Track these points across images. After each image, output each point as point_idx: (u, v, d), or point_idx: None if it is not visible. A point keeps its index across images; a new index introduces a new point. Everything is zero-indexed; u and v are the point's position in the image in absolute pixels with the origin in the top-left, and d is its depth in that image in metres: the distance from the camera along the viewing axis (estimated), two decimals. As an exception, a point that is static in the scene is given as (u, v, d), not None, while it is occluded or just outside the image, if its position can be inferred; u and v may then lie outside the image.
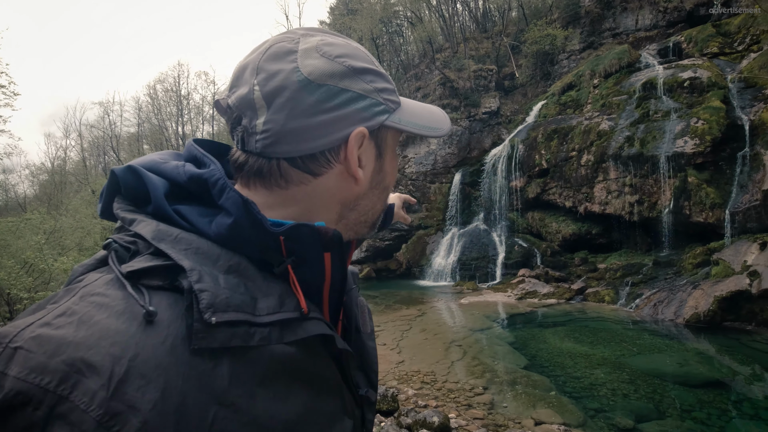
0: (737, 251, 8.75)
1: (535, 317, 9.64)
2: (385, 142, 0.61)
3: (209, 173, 0.52)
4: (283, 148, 0.52)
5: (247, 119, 0.53)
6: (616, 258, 12.04)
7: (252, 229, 0.49)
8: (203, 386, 0.41)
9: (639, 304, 9.44)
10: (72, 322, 0.40)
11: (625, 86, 13.99)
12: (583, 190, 13.04)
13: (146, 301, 0.42)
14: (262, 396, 0.44)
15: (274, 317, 0.47)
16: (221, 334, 0.43)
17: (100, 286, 0.44)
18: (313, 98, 0.52)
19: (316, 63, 0.53)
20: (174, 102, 35.95)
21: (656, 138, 11.50)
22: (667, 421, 4.78)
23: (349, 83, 0.54)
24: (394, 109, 0.59)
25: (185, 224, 0.50)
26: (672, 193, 10.82)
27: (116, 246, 0.48)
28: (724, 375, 5.96)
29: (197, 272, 0.44)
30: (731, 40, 13.93)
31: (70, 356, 0.37)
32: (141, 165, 0.54)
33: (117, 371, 0.38)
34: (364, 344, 0.68)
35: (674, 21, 17.67)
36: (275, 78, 0.51)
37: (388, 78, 0.60)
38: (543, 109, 16.83)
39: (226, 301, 0.44)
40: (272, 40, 0.56)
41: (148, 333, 0.40)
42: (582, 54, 19.22)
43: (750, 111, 10.73)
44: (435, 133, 0.63)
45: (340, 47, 0.56)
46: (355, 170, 0.56)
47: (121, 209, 0.52)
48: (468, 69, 21.02)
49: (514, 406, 5.19)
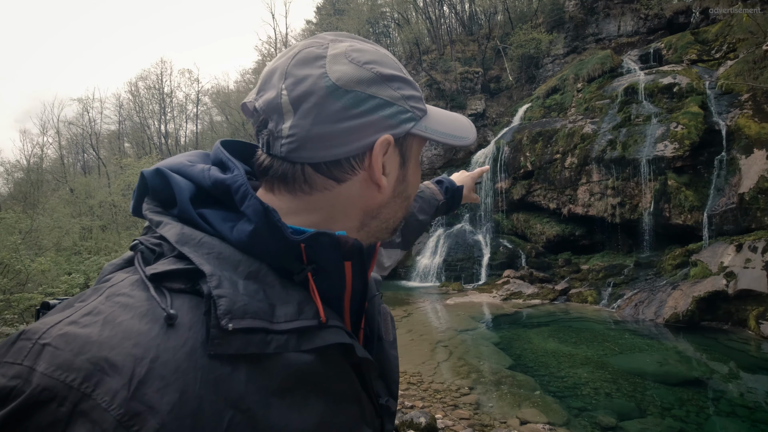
0: (714, 253, 9.00)
1: (520, 318, 9.74)
2: (410, 151, 0.61)
3: (232, 179, 0.53)
4: (308, 153, 0.52)
5: (273, 123, 0.53)
6: (598, 259, 12.26)
7: (272, 236, 0.49)
8: (220, 391, 0.41)
9: (621, 304, 9.63)
10: (97, 321, 0.41)
11: (607, 91, 14.27)
12: (566, 192, 13.25)
13: (168, 304, 0.43)
14: (278, 404, 0.45)
15: (291, 325, 0.47)
16: (237, 341, 0.43)
17: (126, 287, 0.45)
18: (340, 104, 0.52)
19: (344, 69, 0.53)
20: (156, 100, 35.30)
21: (637, 142, 11.75)
22: (648, 419, 4.88)
23: (377, 90, 0.54)
24: (421, 117, 0.59)
25: (209, 228, 0.51)
26: (652, 196, 11.07)
27: (142, 247, 0.50)
28: (702, 373, 6.11)
29: (217, 277, 0.45)
30: (709, 47, 14.35)
31: (94, 355, 0.38)
32: (168, 167, 0.55)
33: (138, 372, 0.38)
34: (386, 353, 0.68)
35: (654, 28, 18.12)
36: (303, 83, 0.52)
37: (415, 85, 0.59)
38: (528, 112, 17.06)
39: (243, 308, 0.45)
40: (301, 45, 0.56)
41: (169, 336, 0.41)
42: (566, 58, 19.55)
43: (727, 117, 11.05)
44: (460, 142, 0.63)
45: (369, 53, 0.56)
46: (379, 178, 0.56)
47: (150, 210, 0.53)
48: (454, 71, 21.16)
49: (500, 406, 5.23)
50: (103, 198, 20.04)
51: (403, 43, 27.51)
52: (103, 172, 26.59)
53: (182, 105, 37.69)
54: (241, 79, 41.52)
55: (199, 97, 38.00)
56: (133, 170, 18.93)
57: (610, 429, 4.67)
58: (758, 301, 7.65)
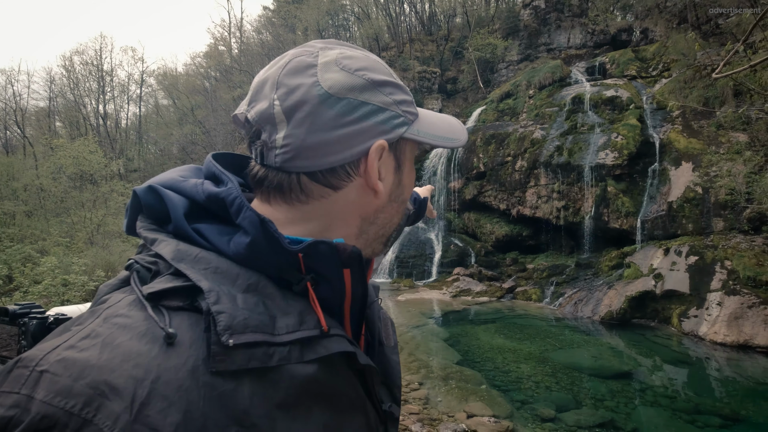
0: (646, 255, 9.74)
1: (468, 314, 10.03)
2: (404, 155, 0.61)
3: (226, 192, 0.53)
4: (303, 162, 0.52)
5: (267, 134, 0.53)
6: (543, 259, 12.89)
7: (270, 248, 0.49)
8: (224, 407, 0.41)
9: (562, 302, 10.18)
10: (96, 344, 0.40)
11: (556, 99, 15.00)
12: (516, 194, 13.80)
13: (166, 323, 0.43)
14: (282, 417, 0.45)
15: (293, 336, 0.47)
16: (239, 356, 0.43)
17: (123, 308, 0.45)
18: (334, 112, 0.52)
19: (336, 77, 0.53)
20: (95, 77, 32.59)
21: (582, 149, 12.45)
22: (583, 410, 5.19)
23: (369, 96, 0.54)
24: (413, 121, 0.59)
25: (205, 243, 0.51)
26: (593, 201, 11.79)
27: (138, 266, 0.49)
28: (632, 367, 6.59)
29: (215, 293, 0.45)
30: (647, 65, 15.48)
31: (94, 379, 0.38)
32: (161, 184, 0.55)
33: (140, 394, 0.38)
34: (388, 358, 0.68)
35: (600, 42, 19.26)
36: (295, 92, 0.52)
37: (406, 90, 0.60)
38: (482, 114, 17.55)
39: (244, 323, 0.44)
40: (291, 54, 0.55)
41: (170, 355, 0.41)
42: (519, 65, 20.30)
43: (660, 130, 11.99)
44: (453, 144, 0.63)
45: (360, 60, 0.56)
46: (376, 183, 0.56)
47: (144, 228, 0.53)
48: (413, 69, 21.34)
49: (448, 401, 5.35)
50: (29, 181, 18.27)
51: (363, 37, 27.36)
52: (29, 152, 24.22)
53: (124, 85, 35.12)
54: (191, 63, 39.42)
55: (144, 78, 35.62)
56: (66, 152, 17.43)
57: (549, 420, 4.91)
58: (681, 300, 8.38)
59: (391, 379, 0.67)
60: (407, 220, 1.27)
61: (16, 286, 9.89)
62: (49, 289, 8.69)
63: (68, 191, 18.18)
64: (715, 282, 8.09)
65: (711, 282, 8.13)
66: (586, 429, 4.72)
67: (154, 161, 33.38)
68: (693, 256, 8.77)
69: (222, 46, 37.12)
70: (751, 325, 7.12)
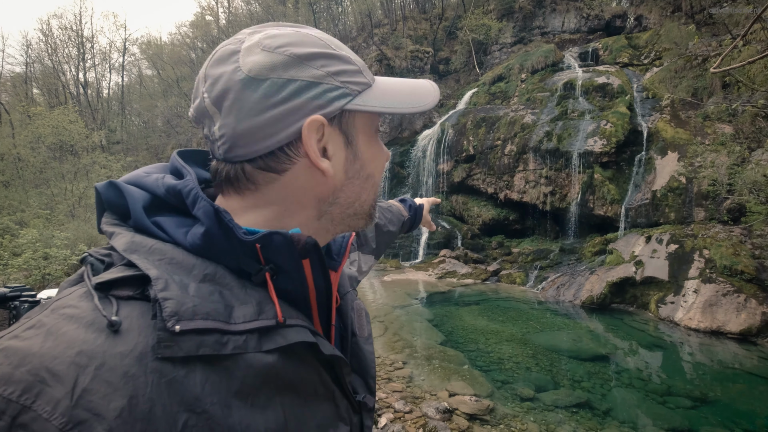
0: (628, 242, 9.95)
1: (453, 296, 10.18)
2: (354, 128, 0.57)
3: (183, 184, 0.53)
4: (241, 150, 0.52)
5: (207, 127, 0.53)
6: (528, 243, 13.07)
7: (225, 238, 0.49)
8: (173, 394, 0.41)
9: (545, 286, 10.39)
10: (40, 333, 0.40)
11: (548, 84, 14.95)
12: (504, 178, 13.86)
13: (113, 312, 0.42)
14: (239, 405, 0.44)
15: (250, 325, 0.47)
16: (187, 343, 0.42)
17: (73, 299, 0.44)
18: (258, 95, 0.50)
19: (256, 59, 0.51)
20: (74, 43, 31.27)
21: (571, 135, 12.50)
22: (561, 390, 5.36)
23: (296, 72, 0.51)
24: (359, 92, 0.55)
25: (163, 235, 0.51)
26: (580, 188, 11.92)
27: (92, 259, 0.49)
28: (609, 350, 6.80)
29: (163, 281, 0.45)
30: (639, 53, 15.48)
31: (34, 366, 0.38)
32: (125, 180, 0.55)
33: (82, 380, 0.38)
34: (361, 348, 0.67)
35: (594, 28, 19.15)
36: (219, 82, 0.51)
37: (347, 59, 0.56)
38: (474, 97, 17.44)
39: (192, 309, 0.44)
40: (221, 45, 0.54)
41: (116, 342, 0.41)
42: (513, 48, 20.12)
43: (648, 119, 12.08)
44: (412, 109, 0.58)
45: (284, 37, 0.53)
46: (317, 161, 0.53)
47: (107, 224, 0.53)
48: (405, 48, 20.99)
49: (431, 380, 5.46)
50: (5, 150, 17.65)
51: (355, 13, 26.70)
52: (5, 119, 23.33)
53: (105, 52, 33.86)
54: (177, 32, 38.11)
55: (126, 46, 34.33)
56: (44, 121, 16.83)
57: (528, 400, 5.06)
58: (659, 287, 8.62)
59: (365, 370, 0.66)
60: (403, 227, 1.28)
61: (-7, 258, 9.65)
62: (30, 262, 8.51)
63: (47, 162, 17.64)
64: (692, 270, 8.32)
65: (689, 270, 8.36)
66: (563, 408, 4.88)
67: (138, 133, 32.53)
68: (673, 245, 8.98)
69: (209, 16, 35.88)
70: (724, 312, 7.38)
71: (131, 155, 25.69)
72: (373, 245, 1.10)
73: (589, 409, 4.90)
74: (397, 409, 4.46)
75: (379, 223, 1.13)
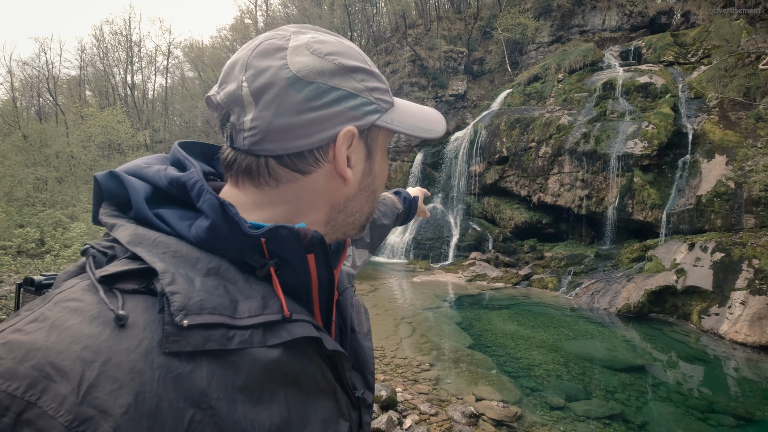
0: (669, 250, 9.49)
1: (483, 299, 10.04)
2: (376, 143, 0.60)
3: (187, 176, 0.53)
4: (271, 145, 0.52)
5: (235, 116, 0.53)
6: (561, 248, 12.71)
7: (230, 231, 0.49)
8: (180, 389, 0.40)
9: (578, 292, 10.07)
10: (43, 327, 0.39)
11: (587, 84, 14.48)
12: (538, 181, 13.53)
13: (119, 305, 0.42)
14: (244, 400, 0.44)
15: (255, 320, 0.47)
16: (195, 337, 0.42)
17: (76, 292, 0.43)
18: (301, 96, 0.51)
19: (305, 60, 0.52)
20: (123, 47, 32.96)
21: (610, 137, 12.06)
22: (593, 400, 5.19)
23: (339, 81, 0.53)
24: (387, 109, 0.58)
25: (166, 228, 0.50)
26: (618, 191, 11.47)
27: (94, 251, 0.48)
28: (646, 361, 6.52)
29: (170, 274, 0.44)
30: (686, 50, 14.72)
31: (39, 361, 0.37)
32: (124, 170, 0.54)
33: (88, 376, 0.37)
34: (360, 344, 0.67)
35: (637, 25, 18.38)
36: (263, 74, 0.51)
37: (381, 77, 0.59)
38: (508, 98, 17.12)
39: (200, 303, 0.44)
40: (263, 37, 0.55)
41: (122, 337, 0.40)
42: (549, 47, 19.61)
43: (694, 121, 11.47)
44: (428, 134, 0.63)
45: (331, 45, 0.55)
46: (344, 170, 0.55)
47: (105, 214, 0.52)
48: (439, 49, 20.86)
49: (458, 383, 5.42)
50: (60, 148, 18.83)
51: (390, 14, 26.77)
52: (60, 120, 24.87)
53: (151, 56, 35.45)
54: (217, 35, 39.50)
55: (171, 50, 35.84)
56: (95, 121, 17.85)
57: (558, 409, 4.93)
58: (702, 297, 8.18)
59: (364, 365, 0.67)
60: (397, 220, 1.29)
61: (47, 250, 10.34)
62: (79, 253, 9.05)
63: (97, 159, 18.69)
64: (740, 280, 7.84)
65: (736, 280, 7.89)
66: (594, 419, 4.73)
67: (179, 133, 33.89)
68: (719, 253, 8.50)
69: (248, 19, 36.94)
70: (774, 327, 6.92)
71: (173, 154, 26.69)
72: (368, 240, 1.11)
73: (623, 422, 4.73)
74: (422, 411, 4.46)
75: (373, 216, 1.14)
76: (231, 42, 37.07)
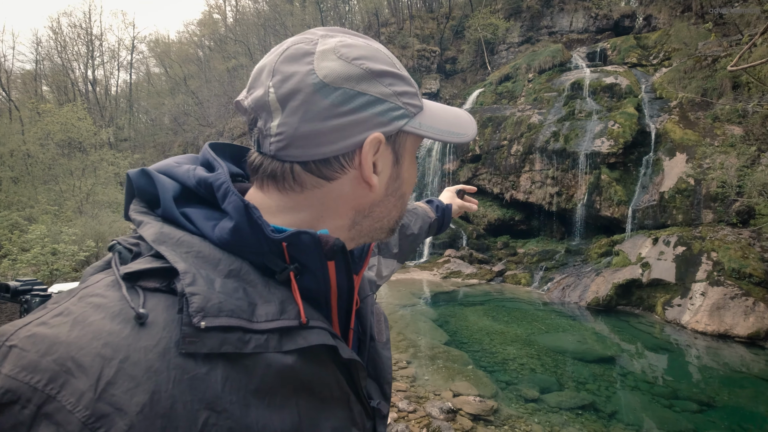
0: (635, 244, 9.87)
1: (458, 296, 10.16)
2: (404, 148, 0.59)
3: (215, 177, 0.53)
4: (297, 151, 0.52)
5: (263, 121, 0.52)
6: (533, 244, 13.01)
7: (253, 234, 0.49)
8: (195, 391, 0.41)
9: (550, 287, 10.34)
10: (67, 321, 0.40)
11: (556, 84, 14.86)
12: (510, 178, 13.80)
13: (140, 303, 0.42)
14: (257, 405, 0.44)
15: (272, 324, 0.46)
16: (211, 340, 0.42)
17: (101, 288, 0.44)
18: (328, 102, 0.51)
19: (332, 65, 0.51)
20: (83, 41, 31.50)
21: (578, 136, 12.42)
22: (566, 392, 5.34)
23: (367, 86, 0.52)
24: (415, 114, 0.57)
25: (191, 227, 0.51)
26: (587, 188, 11.84)
27: (120, 248, 0.49)
28: (614, 352, 6.75)
29: (191, 275, 0.45)
30: (648, 53, 15.34)
31: (61, 356, 0.38)
32: (156, 168, 0.55)
33: (106, 373, 0.38)
34: (378, 353, 0.66)
35: (603, 28, 19.00)
36: (290, 80, 0.51)
37: (410, 81, 0.58)
38: (480, 97, 17.37)
39: (218, 306, 0.44)
40: (290, 41, 0.54)
41: (141, 335, 0.41)
42: (520, 48, 20.02)
43: (657, 120, 11.97)
44: (458, 139, 0.61)
45: (359, 49, 0.54)
46: (370, 176, 0.55)
47: (135, 211, 0.53)
48: (412, 47, 20.95)
49: (435, 379, 5.46)
50: (15, 146, 17.82)
51: (362, 12, 26.70)
52: (15, 116, 23.54)
53: (114, 50, 34.09)
54: (185, 30, 38.36)
55: (135, 44, 34.55)
56: (53, 118, 16.97)
57: (532, 401, 5.04)
58: (666, 289, 8.55)
59: (381, 375, 0.66)
60: (430, 229, 1.24)
61: (4, 254, 9.77)
62: (38, 257, 8.60)
63: (56, 158, 17.79)
64: (700, 272, 8.24)
65: (696, 272, 8.29)
66: (567, 410, 4.86)
67: (145, 131, 32.74)
68: (681, 247, 8.90)
69: (217, 14, 36.03)
70: (732, 316, 7.31)
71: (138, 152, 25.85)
72: (395, 250, 1.09)
73: (594, 412, 4.88)
74: (401, 409, 4.47)
75: (402, 225, 1.10)
76: (199, 38, 36.07)
